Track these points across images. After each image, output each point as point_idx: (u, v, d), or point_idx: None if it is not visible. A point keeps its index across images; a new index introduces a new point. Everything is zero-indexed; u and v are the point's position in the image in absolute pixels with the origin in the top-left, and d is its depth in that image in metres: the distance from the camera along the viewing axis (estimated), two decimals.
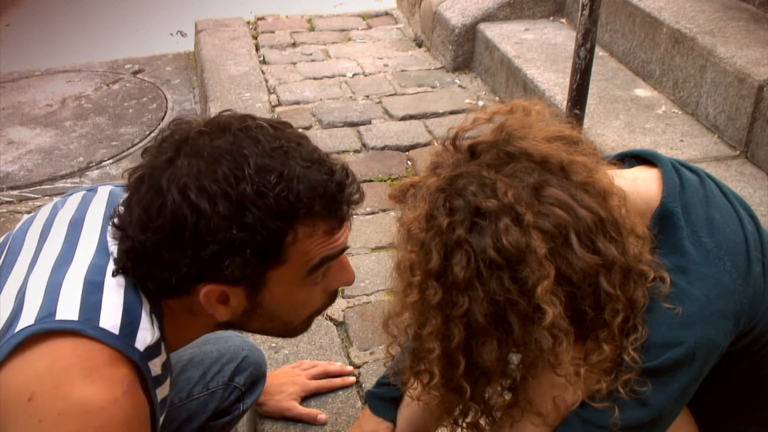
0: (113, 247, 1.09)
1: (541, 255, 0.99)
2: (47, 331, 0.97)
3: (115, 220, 1.08)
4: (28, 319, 0.99)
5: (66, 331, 0.98)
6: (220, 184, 1.00)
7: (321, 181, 1.05)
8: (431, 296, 1.05)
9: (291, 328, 1.24)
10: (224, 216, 1.00)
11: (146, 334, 1.03)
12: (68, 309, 0.99)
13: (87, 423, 0.95)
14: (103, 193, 1.21)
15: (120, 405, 0.97)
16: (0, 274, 1.11)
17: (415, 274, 1.06)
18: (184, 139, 1.06)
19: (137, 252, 1.04)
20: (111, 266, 1.07)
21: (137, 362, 1.02)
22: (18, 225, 1.21)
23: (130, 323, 1.02)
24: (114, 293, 1.04)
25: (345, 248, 1.14)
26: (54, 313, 0.99)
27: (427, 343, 1.08)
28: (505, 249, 1.00)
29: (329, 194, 1.06)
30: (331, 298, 1.22)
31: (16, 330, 0.98)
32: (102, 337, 0.99)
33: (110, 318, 1.01)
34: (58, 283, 1.03)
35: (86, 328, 0.98)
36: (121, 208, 1.08)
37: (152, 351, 1.05)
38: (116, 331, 1.00)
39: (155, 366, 1.07)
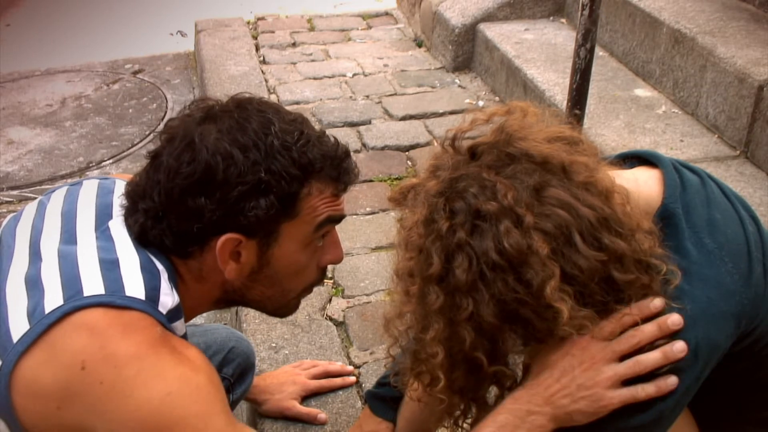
0: (116, 230, 1.14)
1: (543, 256, 0.99)
2: (79, 308, 1.03)
3: (128, 188, 1.16)
4: (55, 299, 1.03)
5: (95, 304, 1.03)
6: (251, 136, 1.13)
7: (331, 148, 1.20)
8: (432, 301, 1.04)
9: (286, 301, 1.30)
10: (254, 161, 1.11)
11: (167, 299, 1.11)
12: (93, 285, 1.05)
13: (141, 367, 1.01)
14: (91, 184, 1.26)
15: (161, 345, 1.05)
16: None
17: (414, 279, 1.06)
18: (211, 106, 1.18)
19: (157, 208, 1.12)
20: (118, 246, 1.12)
21: (163, 323, 1.08)
22: (3, 223, 1.23)
23: (152, 289, 1.09)
24: (131, 265, 1.10)
25: (343, 216, 1.25)
26: (81, 291, 1.04)
27: (430, 347, 1.07)
28: (507, 251, 0.99)
29: (338, 159, 1.20)
30: (321, 274, 1.31)
31: (47, 311, 1.02)
32: (131, 304, 1.05)
33: (134, 287, 1.07)
34: (73, 263, 1.08)
35: (115, 299, 1.05)
36: (136, 178, 1.16)
37: (173, 314, 1.12)
38: (142, 297, 1.07)
39: (177, 330, 1.13)
